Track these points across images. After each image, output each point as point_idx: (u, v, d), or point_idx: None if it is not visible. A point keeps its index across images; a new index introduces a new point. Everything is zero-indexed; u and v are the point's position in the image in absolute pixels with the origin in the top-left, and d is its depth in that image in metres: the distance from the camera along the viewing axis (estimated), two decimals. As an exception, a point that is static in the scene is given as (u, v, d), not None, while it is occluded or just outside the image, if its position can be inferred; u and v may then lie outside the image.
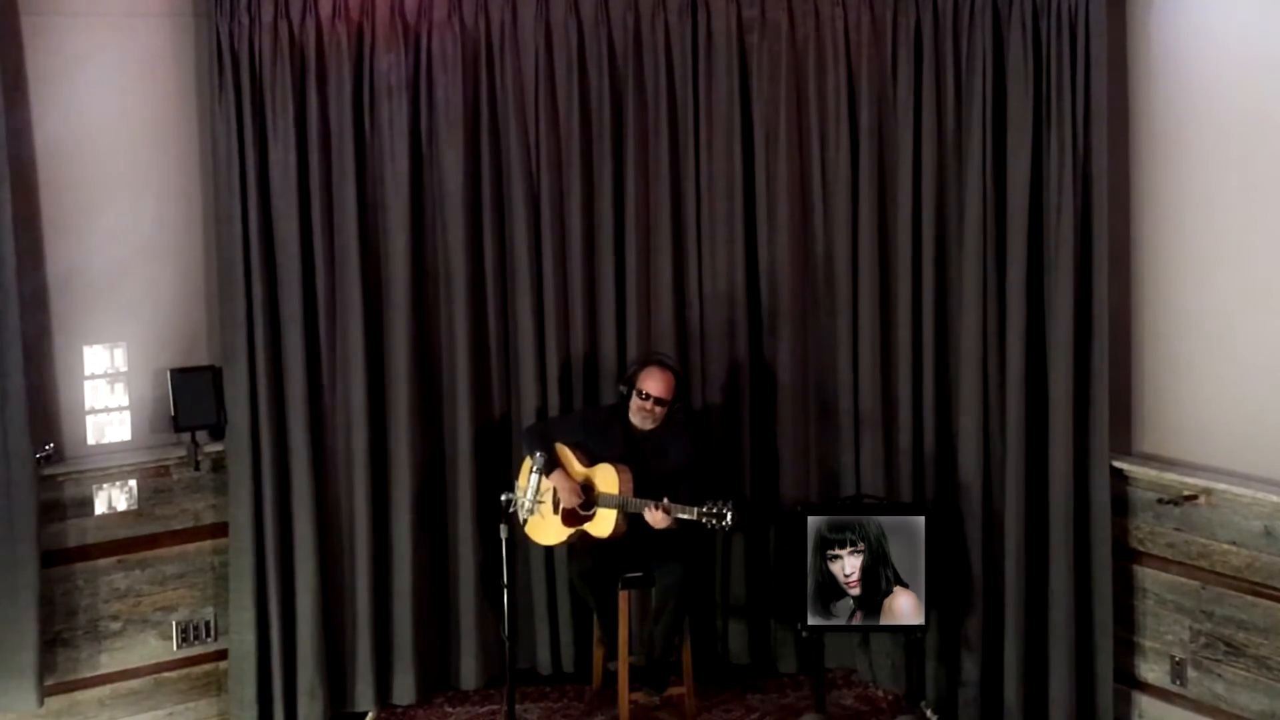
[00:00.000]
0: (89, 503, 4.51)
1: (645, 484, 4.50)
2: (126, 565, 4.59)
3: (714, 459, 4.85)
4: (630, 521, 4.49)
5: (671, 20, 4.82)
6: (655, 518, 4.35)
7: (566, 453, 4.66)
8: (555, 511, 4.59)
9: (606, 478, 4.54)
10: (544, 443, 4.57)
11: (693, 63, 4.84)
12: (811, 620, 4.58)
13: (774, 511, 5.01)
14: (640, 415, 4.56)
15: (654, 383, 4.53)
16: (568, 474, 4.59)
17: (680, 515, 4.34)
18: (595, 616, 4.82)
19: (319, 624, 4.74)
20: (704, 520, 4.29)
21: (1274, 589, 4.08)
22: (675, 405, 4.57)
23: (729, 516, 4.26)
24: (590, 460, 4.63)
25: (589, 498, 4.55)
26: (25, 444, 4.23)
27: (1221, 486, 4.18)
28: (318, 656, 4.74)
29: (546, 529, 4.64)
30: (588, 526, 4.55)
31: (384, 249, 4.78)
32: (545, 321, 4.91)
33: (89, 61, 4.46)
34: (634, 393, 4.57)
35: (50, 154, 4.39)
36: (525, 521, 4.64)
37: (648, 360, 4.64)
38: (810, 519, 4.58)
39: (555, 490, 4.57)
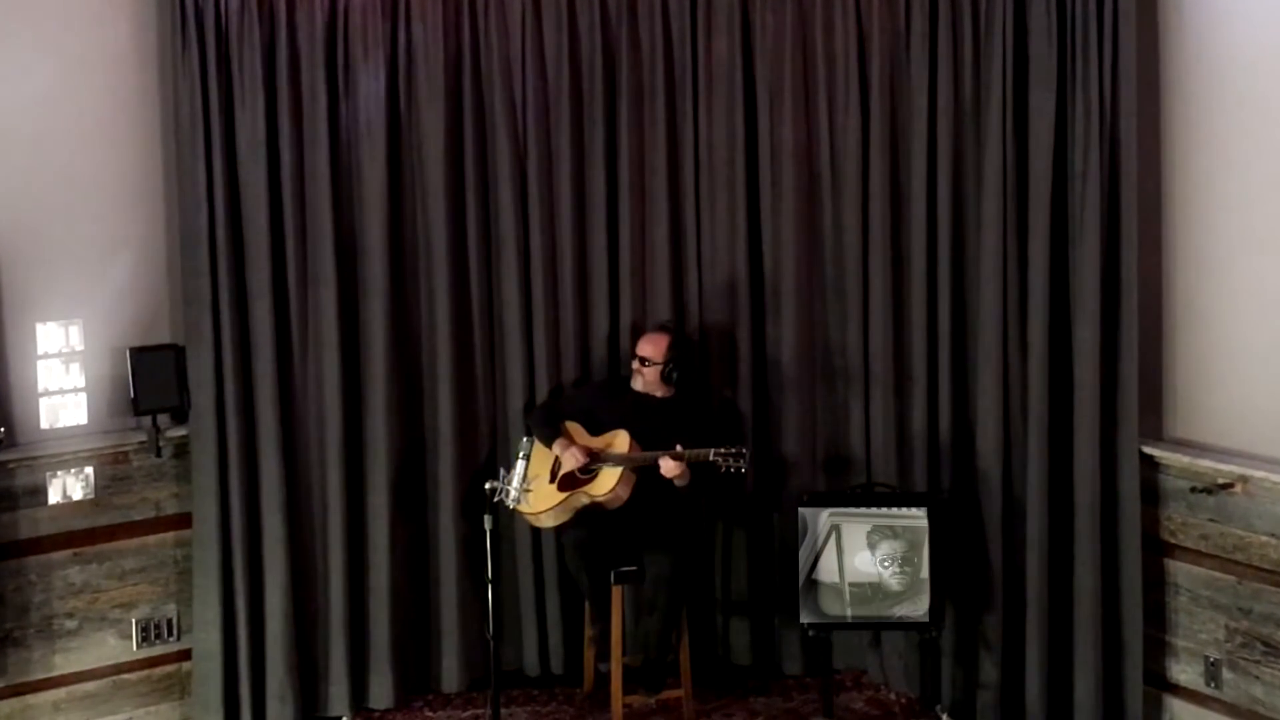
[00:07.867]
0: (42, 491, 4.44)
1: (651, 449, 4.54)
2: (83, 559, 4.53)
3: (720, 421, 4.87)
4: (630, 492, 4.51)
5: (668, -29, 4.79)
6: (669, 466, 4.41)
7: (578, 428, 4.71)
8: (552, 481, 4.57)
9: (620, 442, 4.61)
10: (551, 421, 4.66)
11: (691, 16, 4.79)
12: (805, 618, 4.53)
13: (777, 501, 4.95)
14: (635, 377, 4.72)
15: (644, 343, 4.72)
16: (573, 440, 4.65)
17: (694, 458, 4.39)
18: (586, 602, 4.79)
19: (289, 622, 4.67)
20: (719, 460, 4.35)
21: (1317, 584, 4.03)
22: (668, 366, 4.68)
23: (745, 458, 4.35)
24: (598, 432, 4.68)
25: (595, 457, 4.58)
26: (-28, 428, 4.20)
27: (1259, 474, 4.10)
28: (288, 657, 4.68)
29: (537, 498, 4.59)
30: (587, 487, 4.53)
31: (359, 219, 4.72)
32: (533, 297, 4.87)
33: (40, 22, 4.37)
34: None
35: (-2, 115, 4.32)
36: (515, 504, 4.57)
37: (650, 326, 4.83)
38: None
39: (556, 459, 4.60)
